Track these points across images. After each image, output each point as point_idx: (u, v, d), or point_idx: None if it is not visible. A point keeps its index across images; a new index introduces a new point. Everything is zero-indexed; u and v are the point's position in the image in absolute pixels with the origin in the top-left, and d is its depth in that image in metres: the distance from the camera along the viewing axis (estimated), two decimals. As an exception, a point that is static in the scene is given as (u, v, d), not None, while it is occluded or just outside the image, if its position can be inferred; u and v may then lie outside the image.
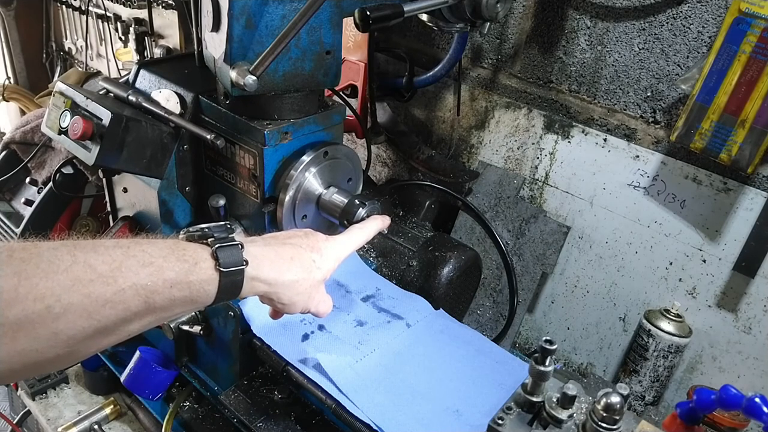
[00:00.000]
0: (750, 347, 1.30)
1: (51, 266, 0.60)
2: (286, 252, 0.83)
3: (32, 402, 1.37)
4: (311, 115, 1.07)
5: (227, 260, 0.73)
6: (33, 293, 0.58)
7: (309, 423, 1.05)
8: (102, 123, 1.03)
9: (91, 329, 0.63)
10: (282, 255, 0.82)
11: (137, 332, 0.72)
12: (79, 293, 0.61)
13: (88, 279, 0.62)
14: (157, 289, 0.67)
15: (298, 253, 0.84)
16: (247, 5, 0.92)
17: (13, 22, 2.82)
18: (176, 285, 0.69)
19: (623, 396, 0.71)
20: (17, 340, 0.58)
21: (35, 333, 0.59)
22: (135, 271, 0.65)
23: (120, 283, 0.64)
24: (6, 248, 0.60)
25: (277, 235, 0.89)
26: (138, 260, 0.66)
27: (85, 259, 0.63)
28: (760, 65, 1.09)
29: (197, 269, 0.71)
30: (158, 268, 0.67)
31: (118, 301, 0.64)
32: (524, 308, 1.56)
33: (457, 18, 1.19)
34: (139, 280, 0.65)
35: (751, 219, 1.23)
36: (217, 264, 0.72)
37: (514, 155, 1.58)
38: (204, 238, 0.75)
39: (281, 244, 0.84)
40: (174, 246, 0.72)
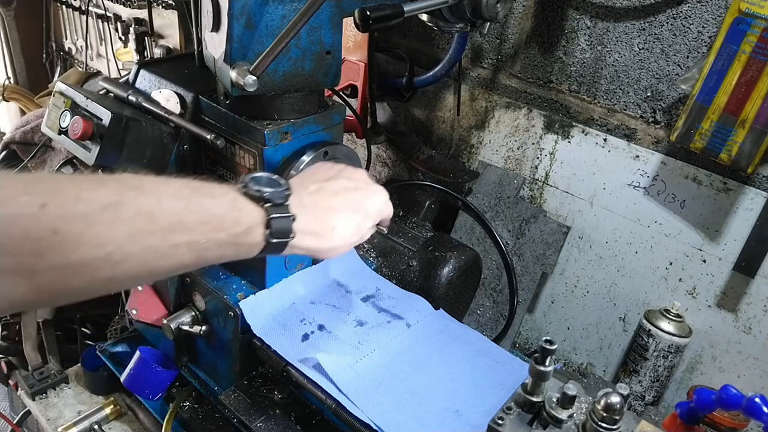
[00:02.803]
0: (750, 347, 1.30)
1: (115, 214, 0.62)
2: (329, 221, 0.86)
3: (32, 402, 1.37)
4: (311, 115, 1.07)
5: (278, 231, 0.77)
6: (97, 240, 0.60)
7: (309, 423, 1.05)
8: (102, 123, 1.03)
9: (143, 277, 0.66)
10: (325, 225, 0.86)
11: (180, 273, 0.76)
12: (139, 244, 0.63)
13: (149, 231, 0.64)
14: (209, 246, 0.70)
15: (341, 222, 0.87)
16: (247, 5, 0.92)
17: (13, 21, 2.82)
18: (227, 245, 0.72)
19: (623, 396, 0.71)
20: (74, 281, 0.61)
21: (92, 277, 0.61)
22: (192, 227, 0.68)
23: (177, 238, 0.66)
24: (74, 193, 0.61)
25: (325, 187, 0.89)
26: (197, 216, 0.69)
27: (148, 210, 0.65)
28: (760, 65, 1.09)
29: (249, 234, 0.75)
30: (214, 228, 0.70)
31: (173, 254, 0.67)
32: (524, 308, 1.56)
33: (457, 18, 1.19)
34: (195, 237, 0.68)
35: (751, 219, 1.23)
36: (268, 233, 0.76)
37: (514, 155, 1.58)
38: (262, 201, 0.77)
39: (328, 208, 0.87)
40: (232, 204, 0.74)
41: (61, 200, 0.59)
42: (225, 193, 0.75)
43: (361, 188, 0.93)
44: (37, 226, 0.57)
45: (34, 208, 0.57)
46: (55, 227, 0.58)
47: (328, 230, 0.86)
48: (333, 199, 0.88)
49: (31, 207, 0.57)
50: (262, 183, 0.79)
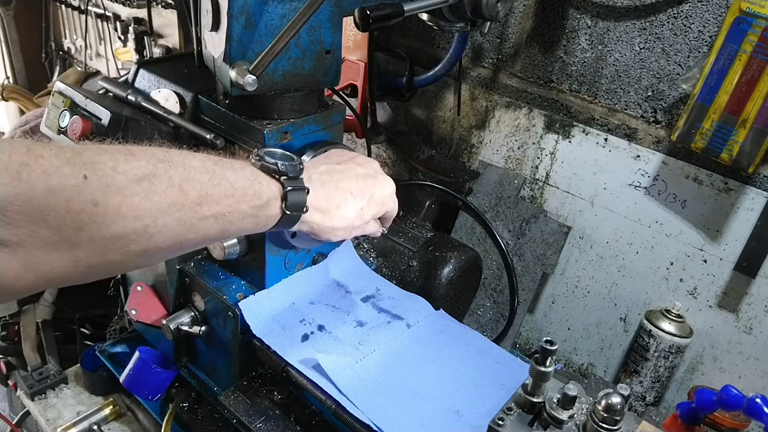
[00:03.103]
0: (751, 347, 1.30)
1: (150, 187, 0.63)
2: (335, 199, 0.89)
3: (31, 402, 1.36)
4: (311, 115, 1.07)
5: (293, 204, 0.80)
6: (135, 213, 0.61)
7: (309, 424, 1.05)
8: (101, 123, 1.02)
9: (172, 249, 0.69)
10: (331, 203, 0.88)
11: None
12: (172, 216, 0.65)
13: (181, 203, 0.66)
14: (233, 219, 0.73)
15: (345, 202, 0.90)
16: (246, 4, 0.92)
17: (13, 21, 2.81)
18: (248, 217, 0.76)
19: (624, 396, 0.71)
20: (110, 254, 0.62)
21: (128, 249, 0.63)
22: (218, 201, 0.70)
23: (204, 210, 0.69)
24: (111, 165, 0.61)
25: (335, 168, 0.92)
26: (221, 189, 0.71)
27: (179, 183, 0.66)
28: (761, 65, 1.08)
29: (268, 206, 0.78)
30: (237, 200, 0.73)
31: (201, 227, 0.69)
32: (525, 308, 1.56)
33: (458, 17, 1.18)
34: (221, 210, 0.71)
35: (752, 219, 1.23)
36: (284, 205, 0.79)
37: (515, 155, 1.58)
38: (278, 174, 0.80)
39: (335, 188, 0.89)
40: (252, 177, 0.77)
41: (101, 172, 0.60)
42: (243, 166, 0.78)
43: (370, 175, 0.95)
44: (79, 198, 0.57)
45: (77, 180, 0.57)
46: (95, 199, 0.58)
47: (333, 208, 0.89)
48: (341, 180, 0.91)
49: (74, 179, 0.57)
50: (277, 157, 0.82)
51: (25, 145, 0.56)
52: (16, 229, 0.55)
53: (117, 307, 1.56)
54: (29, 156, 0.55)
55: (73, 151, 0.60)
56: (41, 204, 0.55)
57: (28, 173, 0.54)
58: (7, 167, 0.54)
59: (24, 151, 0.56)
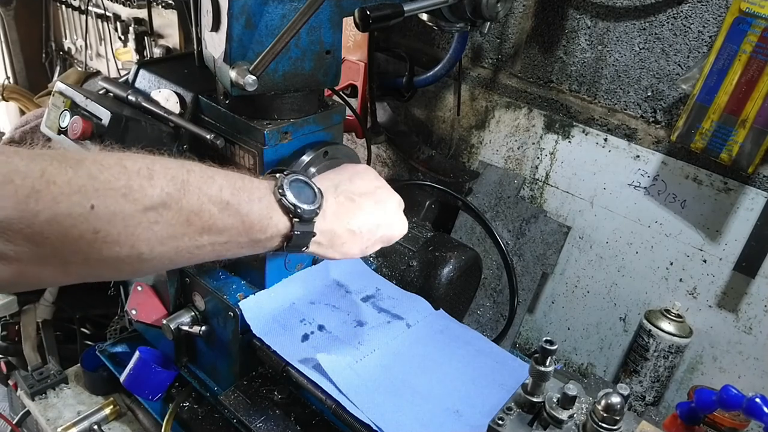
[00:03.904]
0: (750, 347, 1.30)
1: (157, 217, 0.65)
2: (341, 237, 0.88)
3: (32, 402, 1.36)
4: (311, 115, 1.07)
5: (297, 242, 0.81)
6: (132, 241, 0.63)
7: (309, 423, 1.05)
8: (101, 123, 1.02)
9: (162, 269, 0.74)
10: (335, 241, 0.87)
11: None
12: (170, 246, 0.67)
13: (182, 233, 0.68)
14: (231, 248, 0.75)
15: (351, 241, 0.89)
16: (246, 5, 0.92)
17: (13, 21, 2.81)
18: (246, 247, 0.77)
19: (624, 396, 0.71)
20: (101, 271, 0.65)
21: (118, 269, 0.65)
22: (220, 232, 0.72)
23: (204, 240, 0.70)
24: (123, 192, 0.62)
25: (354, 201, 0.90)
26: (228, 222, 0.72)
27: (187, 215, 0.68)
28: (760, 65, 1.08)
29: (269, 241, 0.79)
30: (239, 233, 0.74)
31: (197, 254, 0.71)
32: (524, 308, 1.56)
33: (458, 17, 1.18)
34: (221, 240, 0.72)
35: (752, 219, 1.23)
36: (288, 243, 0.80)
37: (515, 155, 1.58)
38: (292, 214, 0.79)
39: (345, 227, 0.87)
40: (265, 212, 0.77)
41: (111, 200, 0.61)
42: (262, 197, 0.78)
43: (387, 219, 0.94)
44: (80, 226, 0.59)
45: (83, 209, 0.59)
46: (97, 228, 0.60)
47: (337, 244, 0.88)
48: (355, 217, 0.89)
49: (81, 208, 0.58)
50: (301, 194, 0.81)
51: (40, 168, 0.56)
52: (14, 246, 0.56)
53: (117, 307, 1.56)
54: (42, 181, 0.56)
55: (89, 176, 0.60)
56: (43, 229, 0.57)
57: (36, 201, 0.55)
58: (17, 192, 0.54)
59: (38, 175, 0.56)
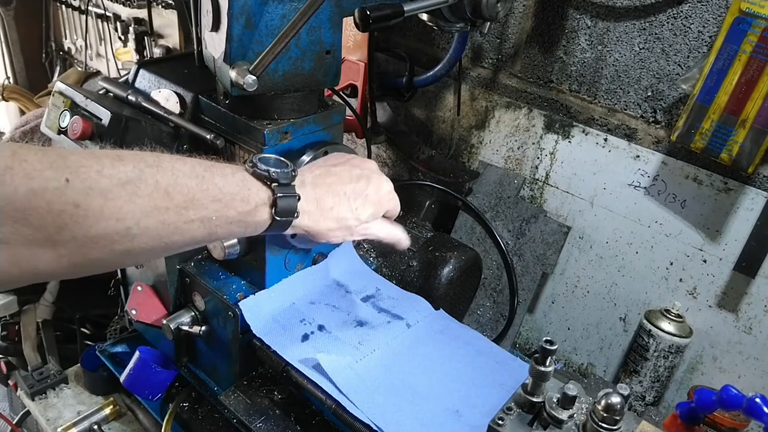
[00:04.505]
0: (750, 347, 1.30)
1: (134, 190, 0.66)
2: (327, 200, 0.89)
3: (32, 402, 1.36)
4: (311, 115, 1.07)
5: (283, 209, 0.81)
6: (116, 214, 0.64)
7: (309, 423, 1.05)
8: (101, 123, 1.02)
9: (157, 250, 0.71)
10: (323, 206, 0.89)
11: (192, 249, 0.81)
12: (155, 219, 0.67)
13: (165, 207, 0.68)
14: (220, 223, 0.75)
15: (338, 204, 0.90)
16: (246, 5, 0.92)
17: (13, 21, 2.81)
18: (236, 222, 0.77)
19: (624, 396, 0.71)
20: (93, 252, 0.65)
21: (110, 249, 0.65)
22: (205, 205, 0.72)
23: (190, 214, 0.71)
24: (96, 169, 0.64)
25: (330, 171, 0.93)
26: (209, 194, 0.73)
27: (165, 186, 0.68)
28: (760, 65, 1.08)
29: (257, 212, 0.79)
30: (225, 206, 0.75)
31: (186, 230, 0.71)
32: (524, 308, 1.56)
33: (458, 17, 1.19)
34: (207, 214, 0.73)
35: (752, 219, 1.23)
36: (274, 211, 0.80)
37: (515, 155, 1.58)
38: (269, 180, 0.81)
39: (327, 191, 0.90)
40: (242, 183, 0.78)
41: (84, 175, 0.62)
42: (234, 172, 0.79)
43: (365, 176, 0.95)
44: (59, 200, 0.60)
45: (59, 183, 0.60)
46: (77, 201, 0.61)
47: (326, 210, 0.89)
48: (334, 183, 0.91)
49: (56, 182, 0.60)
50: (270, 163, 0.83)
51: (11, 149, 0.60)
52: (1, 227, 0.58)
53: (117, 307, 1.56)
54: (14, 159, 0.59)
55: (59, 155, 0.63)
56: (23, 204, 0.58)
57: (11, 176, 0.58)
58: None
59: (9, 154, 0.59)
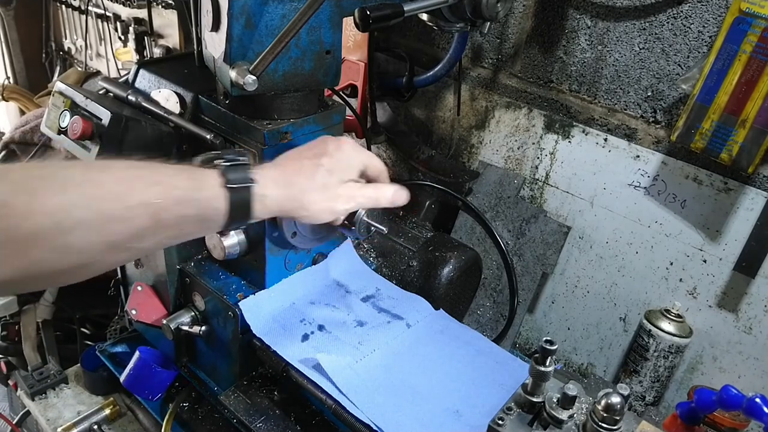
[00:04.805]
0: (751, 347, 1.30)
1: (64, 183, 0.64)
2: (289, 168, 0.86)
3: (32, 402, 1.36)
4: (311, 115, 1.07)
5: (235, 178, 0.77)
6: (44, 209, 0.62)
7: (309, 423, 1.05)
8: (101, 123, 1.02)
9: (101, 244, 0.67)
10: (286, 171, 0.85)
11: (153, 249, 0.77)
12: (88, 209, 0.65)
13: (99, 196, 0.66)
14: (165, 206, 0.70)
15: (302, 165, 0.87)
16: (246, 5, 0.92)
17: (13, 21, 2.81)
18: (184, 202, 0.72)
19: (624, 396, 0.71)
20: (31, 252, 0.62)
21: (48, 245, 0.63)
22: (143, 189, 0.69)
23: (128, 200, 0.67)
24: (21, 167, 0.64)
25: (288, 153, 0.91)
26: (147, 179, 0.70)
27: (97, 178, 0.67)
28: (760, 65, 1.08)
29: (205, 186, 0.74)
30: (167, 187, 0.70)
31: (126, 217, 0.67)
32: (524, 308, 1.56)
33: (458, 17, 1.19)
34: (148, 198, 0.69)
35: (752, 219, 1.23)
36: (225, 181, 0.75)
37: (515, 155, 1.58)
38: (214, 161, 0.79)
39: (287, 161, 0.88)
40: (185, 167, 0.75)
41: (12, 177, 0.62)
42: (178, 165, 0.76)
43: (323, 140, 0.93)
44: None
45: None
46: (4, 200, 0.61)
47: (291, 176, 0.85)
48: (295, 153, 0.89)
49: None
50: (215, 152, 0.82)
51: None
52: None
53: (117, 307, 1.56)
54: None
55: None
56: None
57: None
58: None
59: None
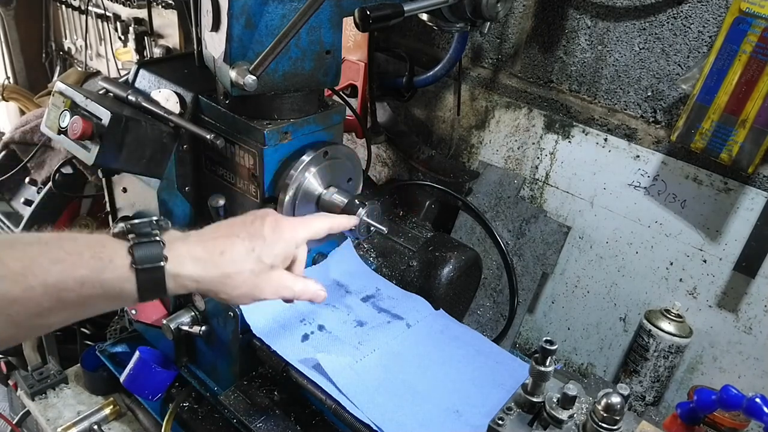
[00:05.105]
0: (750, 347, 1.30)
1: None
2: (217, 247, 0.79)
3: (32, 402, 1.36)
4: (311, 115, 1.07)
5: (144, 257, 0.71)
6: None
7: (309, 423, 1.05)
8: (101, 123, 1.02)
9: (3, 322, 0.64)
10: (211, 250, 0.78)
11: (60, 325, 0.72)
12: None
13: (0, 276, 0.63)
14: (67, 286, 0.67)
15: (231, 246, 0.79)
16: (246, 5, 0.92)
17: (13, 21, 2.81)
18: (88, 283, 0.68)
19: (624, 396, 0.71)
20: None
21: None
22: (46, 269, 0.66)
23: (29, 280, 0.64)
24: None
25: (220, 225, 0.84)
26: (50, 257, 0.66)
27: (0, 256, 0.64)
28: (760, 65, 1.08)
29: (111, 267, 0.70)
30: (70, 266, 0.67)
31: (26, 297, 0.65)
32: (524, 308, 1.56)
33: (458, 17, 1.19)
34: (48, 278, 0.65)
35: (752, 219, 1.23)
36: (133, 261, 0.71)
37: (515, 155, 1.58)
38: (127, 234, 0.73)
39: (215, 237, 0.80)
40: (95, 242, 0.71)
41: None
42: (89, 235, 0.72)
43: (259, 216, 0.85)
44: None
45: None
46: None
47: (215, 255, 0.78)
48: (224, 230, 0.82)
49: None
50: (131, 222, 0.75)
51: None
52: None
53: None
54: None
55: None
56: None
57: None
58: None
59: None
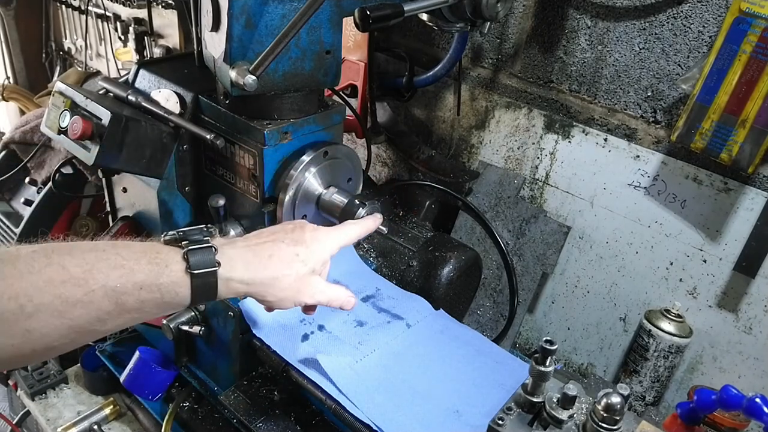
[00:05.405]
0: (750, 347, 1.30)
1: (27, 267, 0.64)
2: (264, 251, 0.83)
3: (32, 402, 1.36)
4: (311, 115, 1.07)
5: (198, 262, 0.74)
6: (7, 293, 0.62)
7: (309, 423, 1.05)
8: (101, 123, 1.02)
9: (63, 328, 0.66)
10: (260, 254, 0.82)
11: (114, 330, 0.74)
12: (50, 294, 0.64)
13: (60, 280, 0.65)
14: (126, 290, 0.69)
15: (278, 250, 0.83)
16: (246, 5, 0.92)
17: (13, 21, 2.81)
18: (146, 287, 0.71)
19: (624, 396, 0.71)
20: None
21: (9, 330, 0.63)
22: (106, 273, 0.68)
23: (90, 284, 0.67)
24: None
25: (262, 232, 0.88)
26: (110, 263, 0.69)
27: (59, 261, 0.66)
28: (760, 65, 1.08)
29: (168, 271, 0.73)
30: (129, 271, 0.70)
31: (88, 301, 0.67)
32: (524, 308, 1.56)
33: (458, 17, 1.19)
34: (109, 282, 0.68)
35: (752, 219, 1.23)
36: (188, 266, 0.74)
37: (515, 155, 1.58)
38: (179, 242, 0.76)
39: (261, 242, 0.84)
40: (149, 249, 0.74)
41: None
42: (142, 243, 0.75)
43: (299, 225, 0.89)
44: None
45: None
46: None
47: (264, 258, 0.82)
48: (268, 236, 0.85)
49: None
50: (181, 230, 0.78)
51: None
52: None
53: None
54: None
55: None
56: None
57: None
58: None
59: None
